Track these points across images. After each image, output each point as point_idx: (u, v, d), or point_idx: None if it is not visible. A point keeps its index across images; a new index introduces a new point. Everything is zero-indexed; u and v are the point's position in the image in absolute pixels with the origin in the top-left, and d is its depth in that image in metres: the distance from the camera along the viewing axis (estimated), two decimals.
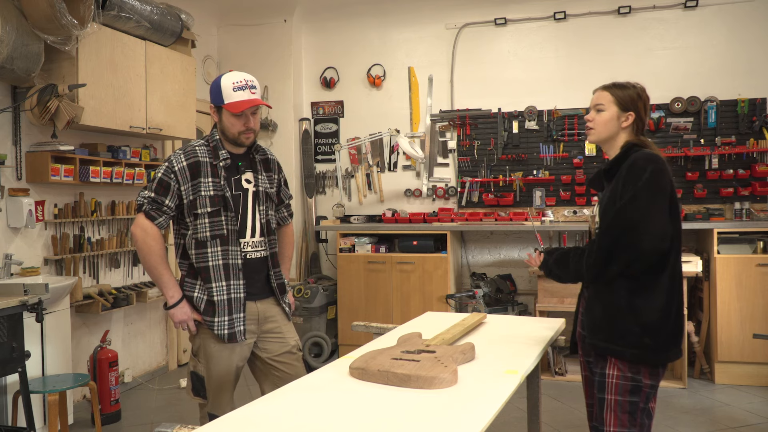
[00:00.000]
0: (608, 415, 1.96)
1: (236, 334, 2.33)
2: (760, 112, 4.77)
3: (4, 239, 3.53)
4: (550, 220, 4.95)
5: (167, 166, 2.30)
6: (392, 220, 5.23)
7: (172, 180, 2.29)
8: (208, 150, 2.36)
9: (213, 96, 2.36)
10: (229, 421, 1.48)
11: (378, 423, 1.43)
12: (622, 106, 2.06)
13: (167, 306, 2.34)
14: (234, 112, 2.30)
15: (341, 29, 5.77)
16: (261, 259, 2.43)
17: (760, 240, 4.28)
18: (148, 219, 2.28)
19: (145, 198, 2.29)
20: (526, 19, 5.31)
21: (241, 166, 2.41)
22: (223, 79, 2.34)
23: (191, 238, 2.34)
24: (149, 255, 2.30)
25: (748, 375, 4.27)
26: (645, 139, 2.07)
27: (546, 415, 3.63)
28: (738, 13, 4.86)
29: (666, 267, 1.92)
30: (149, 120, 4.20)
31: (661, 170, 1.91)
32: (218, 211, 2.32)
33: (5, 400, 3.16)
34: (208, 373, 2.37)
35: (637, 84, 2.11)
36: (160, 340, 4.90)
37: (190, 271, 2.38)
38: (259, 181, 2.44)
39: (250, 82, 2.34)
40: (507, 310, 4.88)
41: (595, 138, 2.12)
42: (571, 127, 5.16)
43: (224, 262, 2.33)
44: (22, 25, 3.24)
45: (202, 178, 2.31)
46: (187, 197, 2.30)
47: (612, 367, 1.96)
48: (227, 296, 2.33)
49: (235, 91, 2.31)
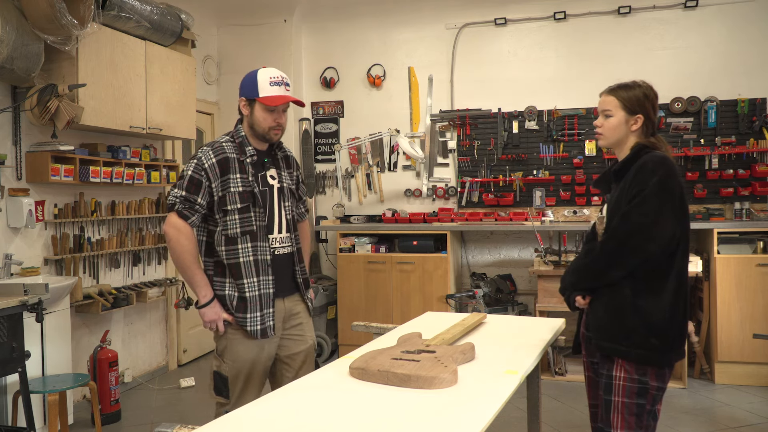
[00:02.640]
0: (615, 417, 1.96)
1: (267, 330, 2.34)
2: (760, 112, 4.77)
3: (4, 239, 3.53)
4: (550, 220, 4.95)
5: (197, 163, 2.29)
6: (392, 220, 5.23)
7: (203, 177, 2.28)
8: (234, 146, 2.36)
9: (246, 89, 2.36)
10: (229, 420, 1.48)
11: (378, 423, 1.43)
12: (629, 110, 2.04)
13: (198, 305, 2.34)
14: (269, 106, 2.31)
15: (341, 29, 5.77)
16: (287, 255, 2.45)
17: (760, 240, 4.28)
18: (180, 218, 2.28)
19: (177, 197, 2.28)
20: (526, 19, 5.31)
21: (266, 162, 2.42)
22: (260, 72, 2.35)
23: (221, 234, 2.33)
24: (183, 254, 2.30)
25: (748, 375, 4.27)
26: (655, 140, 2.05)
27: (546, 415, 3.63)
28: (738, 13, 4.86)
29: (673, 267, 1.92)
30: (149, 120, 4.20)
31: (671, 173, 1.91)
32: (247, 207, 2.32)
33: (5, 400, 3.16)
34: (234, 372, 2.35)
35: (643, 82, 2.08)
36: (160, 340, 4.90)
37: (218, 269, 2.37)
38: (282, 177, 2.46)
39: (285, 79, 2.37)
40: (507, 310, 4.89)
41: (605, 143, 2.11)
42: (571, 127, 5.15)
43: (254, 258, 2.33)
44: (22, 25, 3.24)
45: (231, 174, 2.31)
46: (217, 194, 2.30)
47: (619, 368, 1.96)
48: (258, 292, 2.33)
49: (272, 86, 2.32)
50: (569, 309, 2.17)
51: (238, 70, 5.71)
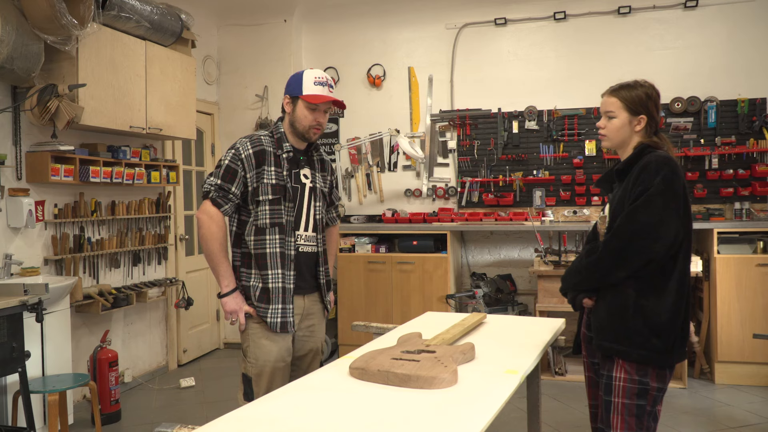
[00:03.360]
0: (615, 418, 1.95)
1: (287, 324, 2.37)
2: (760, 112, 4.77)
3: (4, 239, 3.53)
4: (550, 220, 4.95)
5: (234, 153, 2.35)
6: (392, 220, 5.23)
7: (239, 167, 2.34)
8: (272, 141, 2.42)
9: (291, 87, 2.42)
10: (229, 420, 1.48)
11: (378, 423, 1.43)
12: (632, 111, 2.03)
13: (220, 294, 2.38)
14: (311, 103, 2.37)
15: (341, 29, 5.77)
16: (312, 253, 2.48)
17: (760, 240, 4.28)
18: (214, 206, 2.33)
19: (212, 185, 2.34)
20: (526, 19, 5.31)
21: (302, 161, 2.47)
22: (306, 72, 2.41)
23: (251, 224, 2.38)
24: (212, 241, 2.34)
25: (748, 375, 4.27)
26: (658, 139, 2.05)
27: (546, 415, 3.63)
28: (738, 13, 4.86)
29: (675, 268, 1.91)
30: (149, 120, 4.20)
31: (674, 174, 1.90)
32: (278, 200, 2.37)
33: (5, 400, 3.16)
34: (256, 371, 2.37)
35: (645, 82, 2.08)
36: (160, 340, 4.90)
37: (245, 260, 2.41)
38: (315, 178, 2.50)
39: (330, 80, 2.44)
40: (507, 310, 4.88)
41: (608, 144, 2.11)
42: (571, 127, 5.15)
43: (281, 251, 2.37)
44: (22, 25, 3.24)
45: (266, 167, 2.36)
46: (252, 184, 2.35)
47: (619, 369, 1.95)
48: (281, 285, 2.37)
49: (316, 85, 2.38)
50: (573, 309, 2.17)
51: (238, 70, 5.75)
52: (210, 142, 5.65)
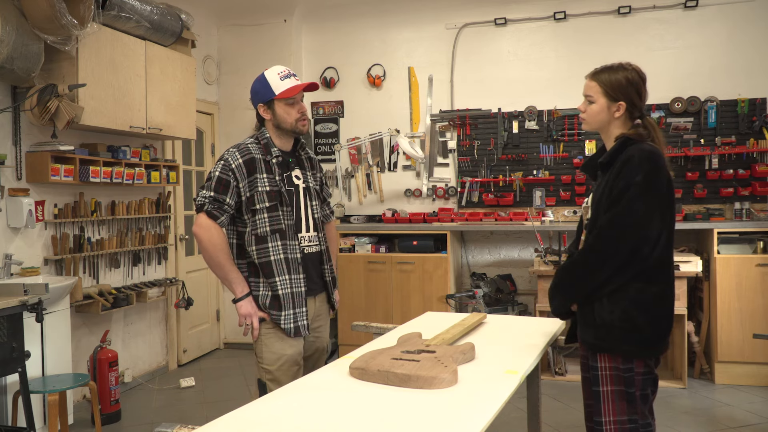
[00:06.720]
0: (606, 406, 1.96)
1: (301, 328, 2.37)
2: (760, 112, 4.76)
3: (4, 239, 3.53)
4: (550, 220, 4.95)
5: (224, 164, 2.32)
6: (392, 220, 5.23)
7: (231, 177, 2.31)
8: (259, 147, 2.40)
9: (260, 94, 2.39)
10: (229, 420, 1.48)
11: (378, 423, 1.43)
12: (611, 97, 2.00)
13: (235, 299, 2.37)
14: (288, 97, 2.36)
15: (341, 29, 5.77)
16: (316, 253, 2.48)
17: (760, 240, 4.28)
18: (210, 218, 2.30)
19: (205, 198, 2.30)
20: (526, 19, 5.31)
21: (291, 162, 2.46)
22: (267, 73, 2.39)
23: (251, 234, 2.35)
24: (215, 253, 2.31)
25: (748, 375, 4.27)
26: (643, 128, 1.99)
27: (546, 415, 3.63)
28: (738, 13, 4.86)
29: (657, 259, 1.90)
30: (149, 120, 4.20)
31: (657, 169, 1.89)
32: (276, 206, 2.35)
33: (5, 400, 3.16)
34: (272, 376, 2.36)
35: (629, 65, 2.03)
36: (160, 340, 4.90)
37: (251, 269, 2.39)
38: (307, 177, 2.50)
39: (291, 71, 2.42)
40: (507, 310, 4.88)
41: (588, 128, 2.10)
42: (571, 127, 5.15)
43: (285, 257, 2.35)
44: (22, 25, 3.24)
45: (258, 174, 2.34)
46: (245, 194, 2.33)
47: (603, 359, 1.96)
48: (291, 290, 2.36)
49: (283, 80, 2.37)
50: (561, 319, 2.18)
51: (238, 70, 5.74)
52: (210, 142, 5.65)
